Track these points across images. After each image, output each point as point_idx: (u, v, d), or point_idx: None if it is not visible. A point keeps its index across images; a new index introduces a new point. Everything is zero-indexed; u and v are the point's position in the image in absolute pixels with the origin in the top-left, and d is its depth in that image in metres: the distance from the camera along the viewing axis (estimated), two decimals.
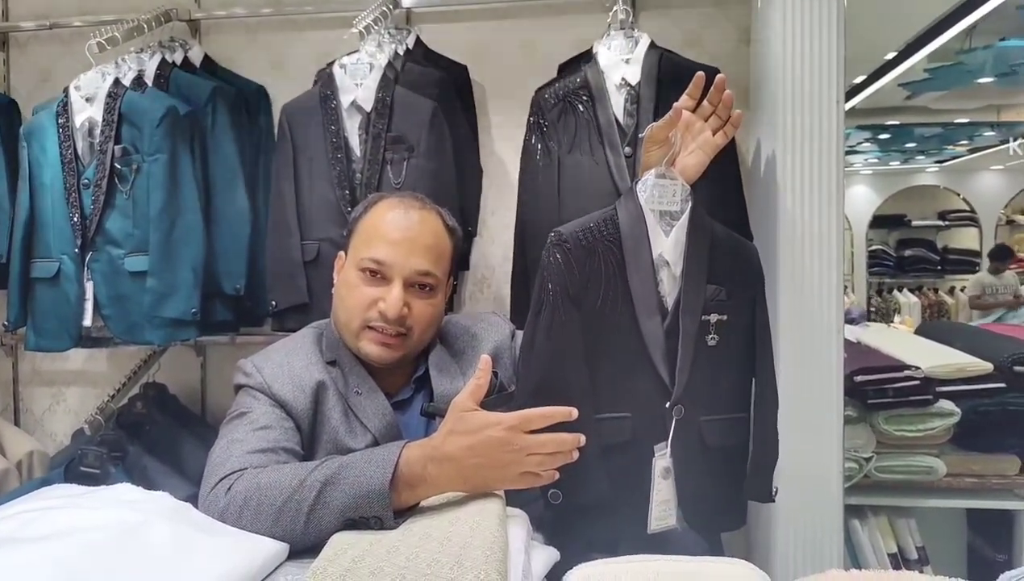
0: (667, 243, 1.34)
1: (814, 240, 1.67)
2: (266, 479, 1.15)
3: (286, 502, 1.11)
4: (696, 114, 1.39)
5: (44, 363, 2.59)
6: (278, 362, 1.38)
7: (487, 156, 2.28)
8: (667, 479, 1.34)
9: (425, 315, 1.39)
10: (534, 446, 1.12)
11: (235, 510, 1.13)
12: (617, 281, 1.31)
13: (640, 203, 1.34)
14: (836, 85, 1.69)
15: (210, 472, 1.21)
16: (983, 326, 3.34)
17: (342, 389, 1.37)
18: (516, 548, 0.98)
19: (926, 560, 2.26)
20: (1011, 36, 4.02)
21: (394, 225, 1.39)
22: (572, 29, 2.21)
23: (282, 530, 1.10)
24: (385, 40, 2.04)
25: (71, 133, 2.03)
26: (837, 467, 1.69)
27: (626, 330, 1.32)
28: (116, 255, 2.00)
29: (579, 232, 1.32)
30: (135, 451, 2.06)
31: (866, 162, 8.65)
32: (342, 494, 1.10)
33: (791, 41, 1.68)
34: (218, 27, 2.42)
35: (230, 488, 1.15)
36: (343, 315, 1.40)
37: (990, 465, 2.20)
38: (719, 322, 1.37)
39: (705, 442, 1.37)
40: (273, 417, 1.31)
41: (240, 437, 1.26)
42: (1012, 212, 9.01)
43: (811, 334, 1.62)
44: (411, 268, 1.37)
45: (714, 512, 1.43)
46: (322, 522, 1.10)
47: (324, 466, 1.14)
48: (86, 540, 0.86)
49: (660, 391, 1.32)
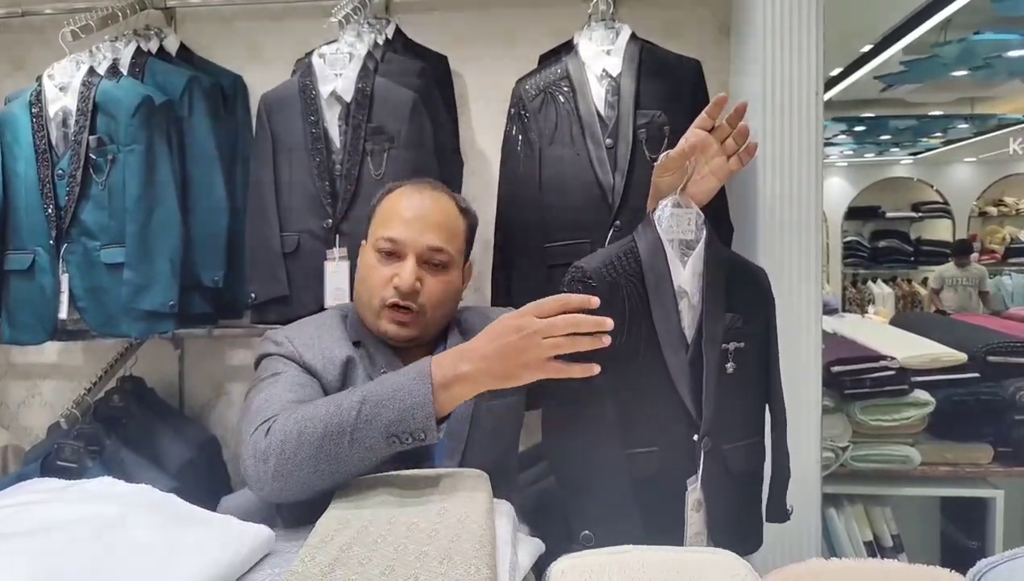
0: (685, 274, 1.31)
1: (793, 232, 1.68)
2: (302, 413, 1.16)
3: (327, 427, 1.12)
4: (713, 135, 1.35)
5: (19, 356, 2.55)
6: (309, 334, 1.42)
7: (467, 146, 2.27)
8: (699, 511, 1.32)
9: (437, 291, 1.43)
10: (547, 328, 1.13)
11: (277, 446, 1.13)
12: (640, 316, 1.29)
13: (660, 234, 1.31)
14: (816, 76, 1.70)
15: (251, 421, 1.21)
16: (957, 316, 3.38)
17: (368, 369, 1.39)
18: (503, 540, 0.98)
19: (901, 547, 2.30)
20: (985, 29, 4.06)
21: (407, 205, 1.44)
22: (552, 19, 2.21)
23: (327, 456, 1.11)
24: (364, 30, 2.02)
25: (45, 123, 1.99)
26: (815, 457, 1.71)
27: (650, 364, 1.29)
28: (92, 247, 1.97)
29: (602, 268, 1.29)
30: (112, 445, 2.04)
31: (841, 154, 8.75)
32: (385, 409, 1.12)
33: (771, 32, 1.69)
34: (194, 15, 2.38)
35: (269, 430, 1.15)
36: (364, 295, 1.44)
37: (964, 454, 2.23)
38: (737, 350, 1.36)
39: (729, 470, 1.36)
40: (306, 379, 1.33)
41: (278, 391, 1.27)
42: (984, 204, 9.16)
43: (790, 326, 1.63)
44: (424, 244, 1.41)
45: (739, 537, 1.39)
46: (366, 441, 1.11)
47: (355, 390, 1.17)
48: (68, 534, 0.85)
49: (687, 423, 1.30)
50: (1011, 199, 9.14)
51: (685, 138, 1.35)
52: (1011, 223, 9.17)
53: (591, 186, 1.83)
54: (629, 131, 1.82)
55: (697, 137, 1.33)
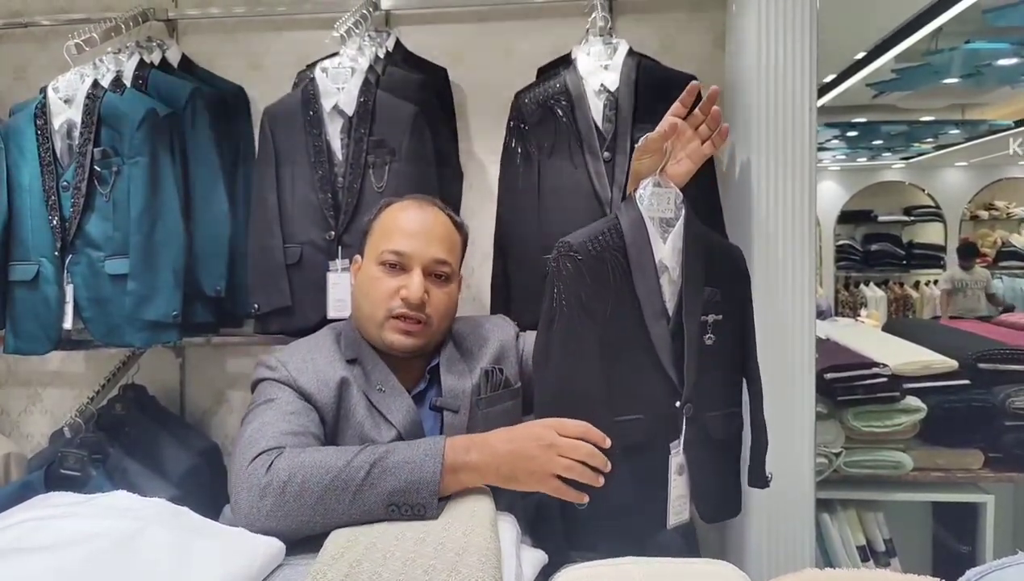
0: (666, 249, 1.38)
1: (787, 242, 1.71)
2: (309, 459, 1.18)
3: (333, 481, 1.14)
4: (687, 122, 1.43)
5: (20, 364, 2.56)
6: (302, 358, 1.44)
7: (466, 158, 2.29)
8: (682, 475, 1.40)
9: (443, 303, 1.48)
10: (566, 448, 1.21)
11: (278, 486, 1.15)
12: (624, 288, 1.35)
13: (641, 211, 1.38)
14: (809, 90, 1.73)
15: (243, 450, 1.22)
16: (947, 322, 3.42)
17: (363, 386, 1.42)
18: (508, 553, 1.01)
19: (893, 552, 2.33)
20: (977, 38, 4.11)
21: (409, 219, 1.49)
22: (550, 33, 2.23)
23: (325, 508, 1.14)
24: (366, 43, 2.05)
25: (50, 135, 2.01)
26: (809, 463, 1.74)
27: (635, 334, 1.36)
28: (96, 258, 1.99)
29: (587, 241, 1.35)
30: (115, 453, 2.05)
31: (834, 159, 8.79)
32: (392, 476, 1.15)
33: (765, 46, 1.72)
34: (195, 27, 2.40)
35: (271, 465, 1.17)
36: (367, 308, 1.46)
37: (955, 459, 2.27)
38: (715, 322, 1.44)
39: (711, 436, 1.44)
40: (300, 406, 1.35)
41: (271, 420, 1.29)
42: (976, 207, 9.21)
43: (784, 334, 1.67)
44: (429, 256, 1.46)
45: (720, 502, 1.50)
46: (367, 503, 1.14)
47: (369, 450, 1.19)
48: (87, 549, 0.87)
49: (670, 391, 1.38)
50: (1002, 203, 9.20)
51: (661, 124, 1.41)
52: (1002, 226, 9.23)
53: (589, 199, 1.85)
54: (627, 145, 1.84)
55: (673, 128, 1.40)
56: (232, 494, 1.19)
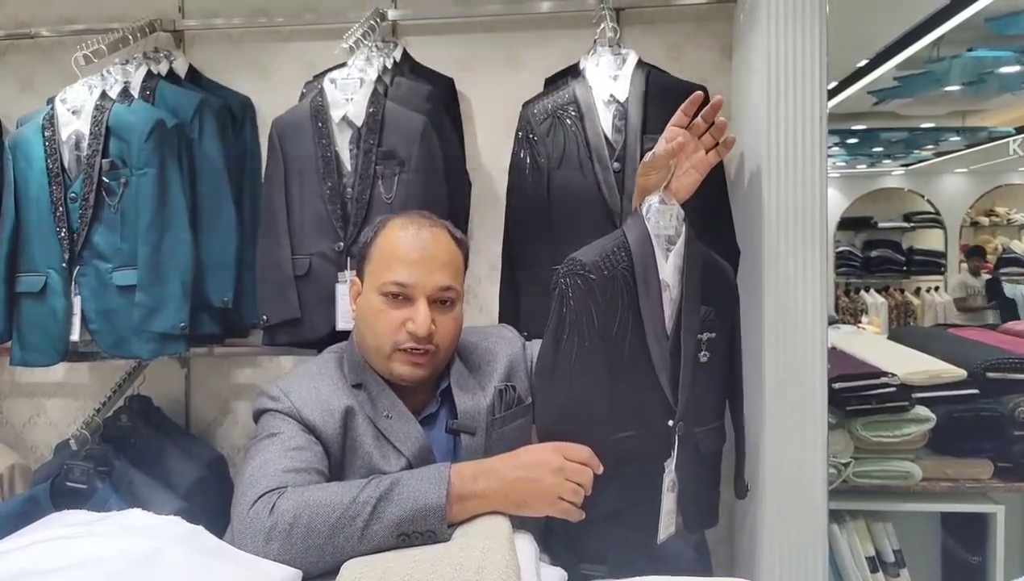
0: (668, 267, 1.38)
1: (798, 252, 1.70)
2: (313, 497, 1.16)
3: (340, 518, 1.13)
4: (690, 132, 1.43)
5: (25, 375, 2.56)
6: (305, 387, 1.38)
7: (473, 168, 2.29)
8: (673, 491, 1.41)
9: (450, 330, 1.42)
10: (573, 473, 1.22)
11: (283, 528, 1.12)
12: (630, 307, 1.35)
13: (648, 229, 1.37)
14: (819, 98, 1.71)
15: (244, 490, 1.19)
16: (955, 331, 3.41)
17: (370, 413, 1.37)
18: (527, 569, 1.00)
19: (903, 563, 2.31)
20: (979, 46, 4.11)
21: (410, 246, 1.40)
22: (557, 43, 2.23)
23: (334, 547, 1.12)
24: (373, 54, 2.04)
25: (58, 146, 2.01)
26: (822, 475, 1.73)
27: (636, 353, 1.36)
28: (104, 269, 1.99)
29: (598, 260, 1.33)
30: (121, 465, 2.04)
31: (834, 165, 8.79)
32: (398, 508, 1.13)
33: (774, 55, 1.71)
34: (202, 37, 2.40)
35: (274, 507, 1.14)
36: (372, 341, 1.40)
37: (964, 469, 2.26)
38: (709, 340, 1.44)
39: (699, 451, 1.45)
40: (304, 440, 1.31)
41: (273, 457, 1.25)
42: (976, 214, 9.22)
43: (796, 344, 1.66)
44: (433, 285, 1.38)
45: (703, 514, 1.52)
46: (376, 537, 1.13)
47: (373, 484, 1.17)
48: (105, 570, 0.87)
49: (664, 409, 1.38)
50: (1002, 209, 9.22)
51: (665, 138, 1.41)
52: (1003, 233, 9.25)
53: (599, 209, 1.85)
54: (636, 155, 1.84)
55: (677, 136, 1.39)
56: (236, 539, 1.15)
